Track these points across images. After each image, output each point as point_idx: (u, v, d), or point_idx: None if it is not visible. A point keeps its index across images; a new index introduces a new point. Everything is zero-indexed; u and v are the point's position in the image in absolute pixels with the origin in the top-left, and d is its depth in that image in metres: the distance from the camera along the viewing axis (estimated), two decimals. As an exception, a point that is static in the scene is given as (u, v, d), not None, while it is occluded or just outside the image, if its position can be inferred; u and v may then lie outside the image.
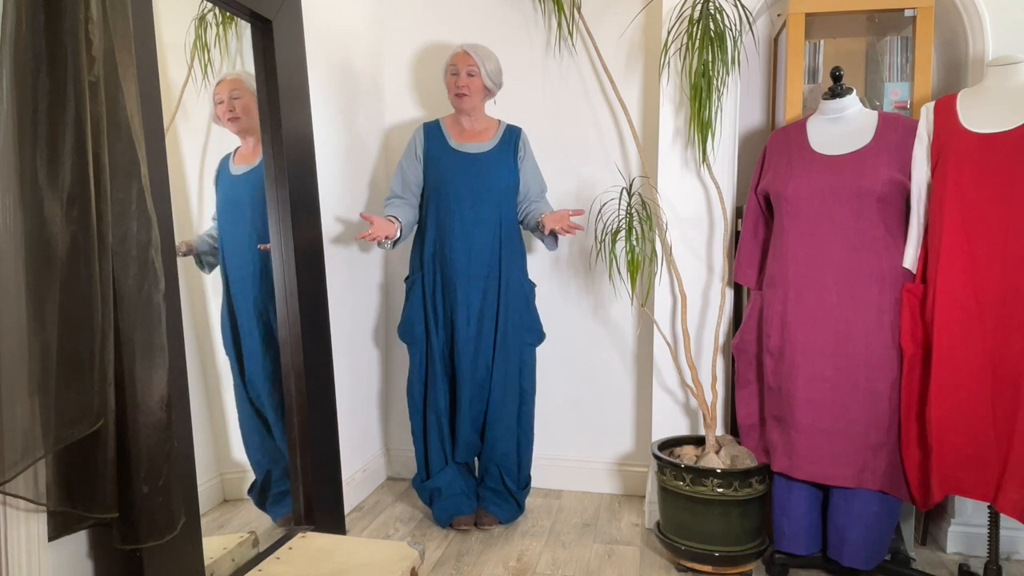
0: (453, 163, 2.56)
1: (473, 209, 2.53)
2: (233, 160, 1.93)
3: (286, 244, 2.06)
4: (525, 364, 2.61)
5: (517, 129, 2.65)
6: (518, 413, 2.62)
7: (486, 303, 2.55)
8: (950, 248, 1.94)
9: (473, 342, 2.55)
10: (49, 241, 1.16)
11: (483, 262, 2.54)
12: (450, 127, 2.63)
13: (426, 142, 2.61)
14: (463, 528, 2.55)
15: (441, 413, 2.60)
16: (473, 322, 2.55)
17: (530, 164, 2.63)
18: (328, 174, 2.57)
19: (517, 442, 2.62)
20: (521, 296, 2.59)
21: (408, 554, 1.77)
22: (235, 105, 1.93)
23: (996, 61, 2.01)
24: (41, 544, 1.27)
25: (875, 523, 2.07)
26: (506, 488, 2.62)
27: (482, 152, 2.58)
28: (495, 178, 2.55)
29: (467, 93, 2.52)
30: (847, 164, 2.11)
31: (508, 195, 2.58)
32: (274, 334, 2.07)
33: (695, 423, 2.59)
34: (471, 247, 2.53)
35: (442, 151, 2.59)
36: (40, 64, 1.16)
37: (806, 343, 2.11)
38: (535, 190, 2.63)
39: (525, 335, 2.60)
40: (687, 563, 2.22)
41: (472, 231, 2.53)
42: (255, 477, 2.02)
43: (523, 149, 2.62)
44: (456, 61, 2.54)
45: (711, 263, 2.54)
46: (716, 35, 2.36)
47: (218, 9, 1.89)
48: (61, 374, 1.18)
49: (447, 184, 2.55)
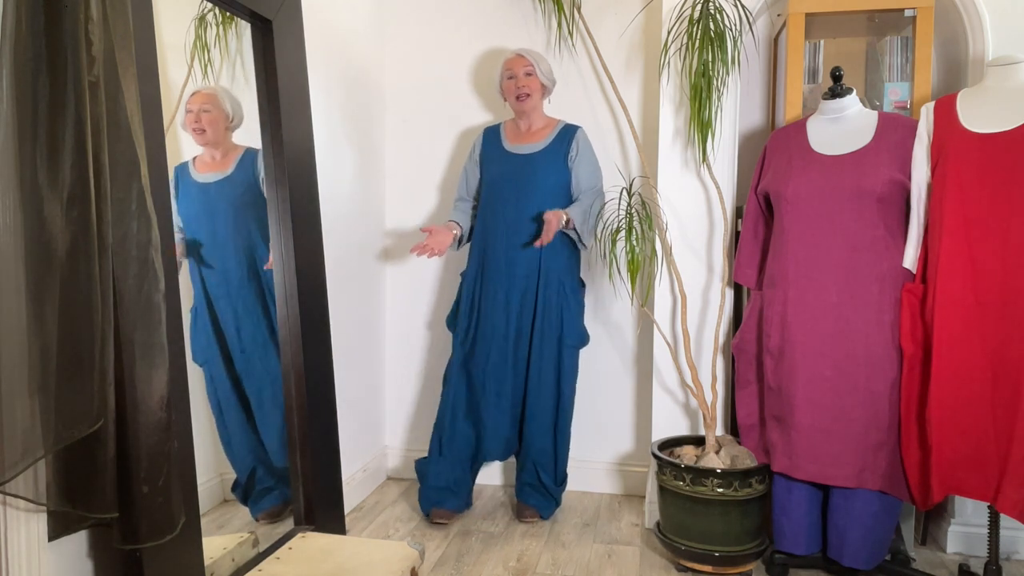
0: (503, 164, 2.65)
1: (516, 209, 2.59)
2: (195, 167, 1.94)
3: (286, 245, 2.06)
4: (564, 365, 2.62)
5: (574, 128, 2.67)
6: (556, 413, 2.64)
7: (525, 302, 2.60)
8: (950, 248, 1.94)
9: (512, 340, 2.60)
10: (49, 241, 1.16)
11: (523, 262, 2.58)
12: (508, 129, 2.73)
13: (484, 145, 2.73)
14: (439, 522, 2.58)
15: (448, 407, 2.63)
16: (512, 321, 2.60)
17: (584, 161, 2.63)
18: (328, 174, 2.57)
19: (554, 441, 2.64)
20: (562, 297, 2.60)
21: (408, 554, 1.77)
22: (202, 118, 1.96)
23: (996, 61, 2.01)
24: (41, 544, 1.27)
25: (875, 523, 2.07)
26: (542, 484, 2.64)
27: (532, 152, 2.63)
28: (542, 177, 2.59)
29: (529, 92, 2.61)
30: (847, 164, 2.11)
31: (556, 194, 2.60)
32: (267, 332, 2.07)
33: (695, 423, 2.59)
34: (512, 247, 2.58)
35: (495, 152, 2.69)
36: (40, 64, 1.16)
37: (806, 343, 2.11)
38: (584, 185, 2.63)
39: (564, 336, 2.61)
40: (687, 563, 2.22)
41: (514, 231, 2.59)
42: (237, 476, 2.02)
43: (576, 147, 2.64)
44: (511, 65, 2.62)
45: (711, 263, 2.54)
46: (716, 35, 2.36)
47: (218, 9, 1.89)
48: (61, 374, 1.18)
49: (495, 185, 2.64)
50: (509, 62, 2.63)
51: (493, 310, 2.60)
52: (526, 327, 2.60)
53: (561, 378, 2.62)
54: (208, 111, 1.96)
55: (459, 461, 2.65)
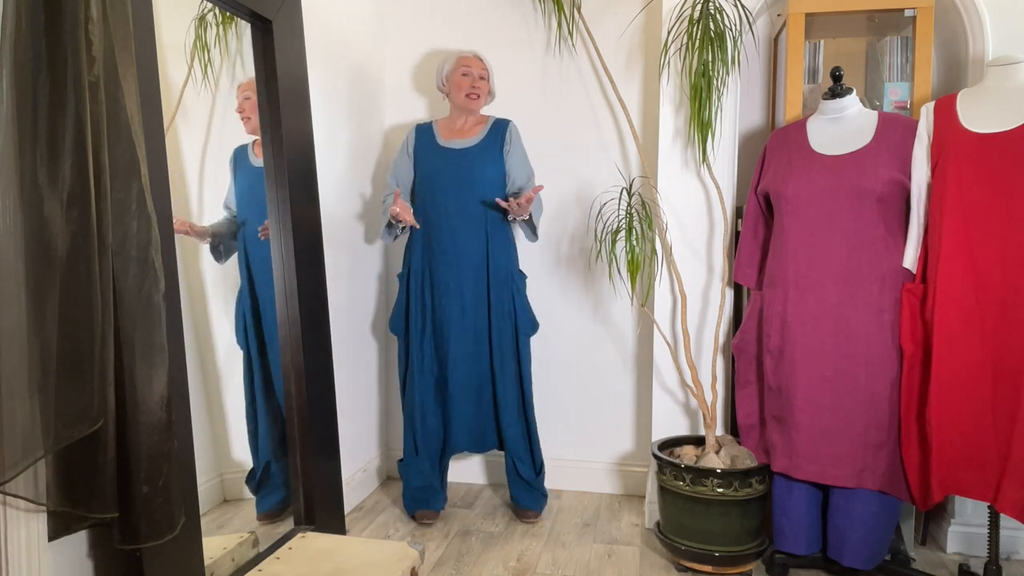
0: (439, 159, 2.63)
1: (458, 203, 2.59)
2: (253, 151, 1.97)
3: (286, 244, 2.06)
4: (522, 354, 2.65)
5: (505, 122, 2.68)
6: (522, 402, 2.66)
7: (477, 295, 2.61)
8: (950, 248, 1.94)
9: (470, 333, 2.61)
10: (49, 241, 1.16)
11: (470, 255, 2.59)
12: (441, 127, 2.71)
13: (417, 140, 2.70)
14: (426, 522, 2.61)
15: (416, 405, 2.64)
16: (469, 313, 2.60)
17: (516, 154, 2.65)
18: (328, 174, 2.57)
19: (526, 429, 2.66)
20: (511, 287, 2.63)
21: (408, 554, 1.77)
22: (245, 106, 1.99)
23: (996, 61, 2.01)
24: (41, 544, 1.27)
25: (875, 523, 2.07)
26: (520, 477, 2.65)
27: (467, 147, 2.63)
28: (479, 172, 2.60)
29: (479, 95, 2.63)
30: (847, 164, 2.11)
31: (494, 188, 2.61)
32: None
33: (695, 423, 2.59)
34: (458, 241, 2.59)
35: (429, 148, 2.67)
36: (40, 64, 1.16)
37: (806, 343, 2.11)
38: (519, 180, 2.64)
39: (518, 325, 2.64)
40: (687, 563, 2.22)
41: (458, 225, 2.59)
42: (253, 467, 2.03)
43: (509, 141, 2.65)
44: (469, 63, 2.63)
45: (711, 263, 2.54)
46: (716, 35, 2.36)
47: (218, 9, 1.89)
48: (61, 374, 1.18)
49: (433, 180, 2.62)
50: (466, 59, 2.64)
51: (448, 303, 2.60)
52: (483, 318, 2.62)
53: (521, 367, 2.65)
54: (249, 98, 1.99)
55: (435, 458, 2.68)
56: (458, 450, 2.68)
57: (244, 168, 1.96)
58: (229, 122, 1.99)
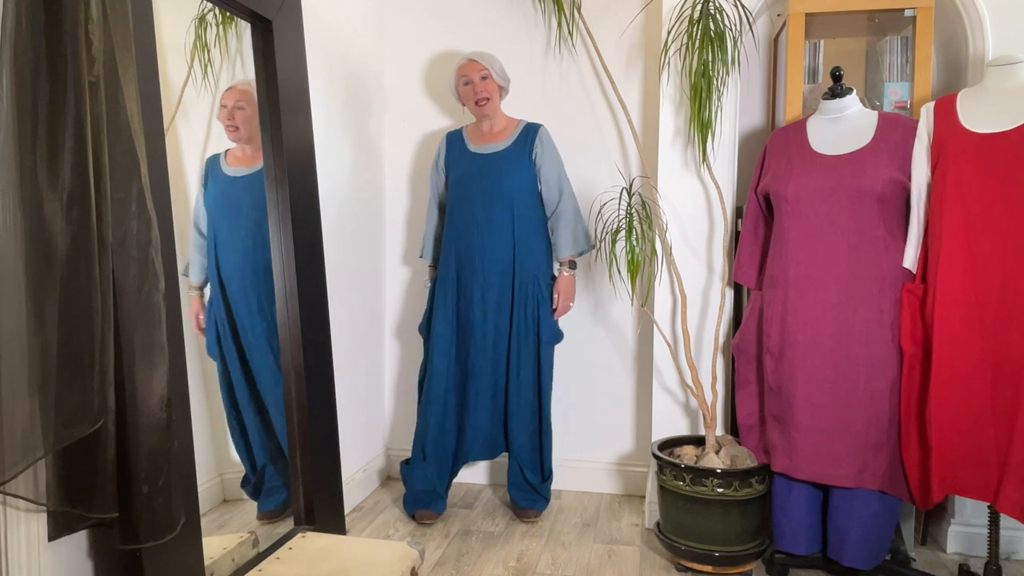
0: (468, 164, 2.65)
1: (485, 208, 2.59)
2: (226, 161, 1.94)
3: (286, 245, 2.06)
4: (543, 362, 2.64)
5: (536, 126, 2.67)
6: (538, 410, 2.65)
7: (501, 300, 2.60)
8: (950, 248, 1.94)
9: (491, 338, 2.61)
10: (49, 241, 1.16)
11: (496, 260, 2.59)
12: (471, 132, 2.73)
13: (447, 150, 2.73)
14: (426, 522, 2.61)
15: (432, 412, 2.63)
16: (490, 318, 2.60)
17: (548, 158, 2.64)
18: (328, 174, 2.57)
19: (538, 437, 2.66)
20: (536, 294, 2.61)
21: (408, 554, 1.77)
22: (235, 115, 1.96)
23: (996, 61, 2.01)
24: (41, 544, 1.27)
25: (875, 523, 2.07)
26: (526, 481, 2.65)
27: (496, 152, 2.64)
28: (507, 177, 2.60)
29: (488, 96, 2.62)
30: (847, 164, 2.11)
31: (522, 193, 2.61)
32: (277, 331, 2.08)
33: (695, 423, 2.59)
34: (484, 246, 2.59)
35: (459, 154, 2.69)
36: (40, 64, 1.16)
37: (806, 343, 2.11)
38: (552, 197, 2.63)
39: (541, 333, 2.63)
40: (687, 563, 2.22)
41: (485, 230, 2.59)
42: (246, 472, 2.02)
43: (539, 146, 2.64)
44: (466, 71, 2.63)
45: (711, 263, 2.54)
46: (716, 35, 2.36)
47: (218, 9, 1.89)
48: (61, 374, 1.18)
49: (461, 185, 2.64)
50: (463, 68, 2.63)
51: (470, 309, 2.61)
52: (504, 325, 2.61)
53: (541, 375, 2.64)
54: (242, 108, 1.96)
55: (444, 464, 2.66)
56: (471, 459, 2.68)
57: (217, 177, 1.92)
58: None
